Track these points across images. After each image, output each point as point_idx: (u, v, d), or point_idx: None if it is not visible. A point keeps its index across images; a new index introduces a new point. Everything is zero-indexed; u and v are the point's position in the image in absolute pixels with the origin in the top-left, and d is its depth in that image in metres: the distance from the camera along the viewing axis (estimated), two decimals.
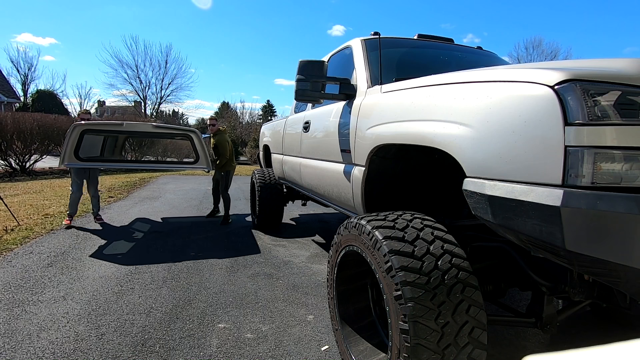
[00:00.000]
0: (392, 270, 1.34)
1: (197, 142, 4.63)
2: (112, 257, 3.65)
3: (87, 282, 3.00)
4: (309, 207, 5.91)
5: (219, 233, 4.70)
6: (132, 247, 4.03)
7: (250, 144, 19.22)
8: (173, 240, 4.31)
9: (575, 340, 2.23)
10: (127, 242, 4.19)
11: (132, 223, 5.10)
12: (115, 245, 4.05)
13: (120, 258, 3.63)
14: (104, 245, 4.05)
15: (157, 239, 4.33)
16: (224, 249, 4.00)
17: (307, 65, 2.36)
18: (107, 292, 2.82)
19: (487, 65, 2.24)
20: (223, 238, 4.49)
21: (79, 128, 4.20)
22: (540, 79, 1.12)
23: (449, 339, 1.26)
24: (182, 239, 4.38)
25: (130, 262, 3.51)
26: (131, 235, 4.50)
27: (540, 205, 1.07)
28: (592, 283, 1.47)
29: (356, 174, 2.18)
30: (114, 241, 4.20)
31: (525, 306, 1.77)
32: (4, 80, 23.04)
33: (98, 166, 5.34)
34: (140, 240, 4.28)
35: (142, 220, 5.34)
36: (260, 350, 2.10)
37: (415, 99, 1.71)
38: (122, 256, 3.70)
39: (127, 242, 4.22)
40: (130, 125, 4.68)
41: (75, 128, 4.19)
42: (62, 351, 2.04)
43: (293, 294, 2.87)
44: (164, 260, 3.58)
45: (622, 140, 1.01)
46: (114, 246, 4.03)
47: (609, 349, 0.57)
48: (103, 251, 3.85)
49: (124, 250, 3.91)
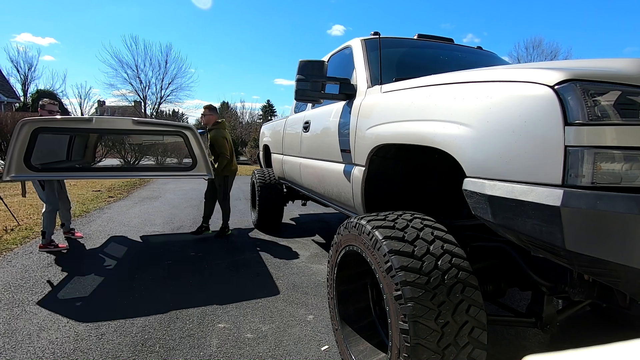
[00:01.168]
0: (392, 270, 1.34)
1: (193, 142, 3.60)
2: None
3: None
4: (309, 207, 5.91)
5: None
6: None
7: (250, 144, 19.22)
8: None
9: (575, 340, 2.23)
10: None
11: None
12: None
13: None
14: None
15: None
16: (224, 250, 4.00)
17: (307, 65, 2.36)
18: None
19: (487, 65, 2.24)
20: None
21: (28, 126, 3.04)
22: (540, 79, 1.12)
23: (449, 338, 1.26)
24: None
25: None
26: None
27: (540, 205, 1.07)
28: (592, 283, 1.47)
29: (356, 174, 2.18)
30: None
31: (525, 306, 1.77)
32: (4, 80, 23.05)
33: (57, 177, 3.86)
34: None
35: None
36: (260, 350, 2.10)
37: (415, 99, 1.71)
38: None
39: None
40: (103, 121, 3.65)
41: (24, 126, 3.03)
42: (62, 351, 2.04)
43: (293, 294, 2.87)
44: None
45: (622, 140, 1.01)
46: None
47: (609, 349, 0.57)
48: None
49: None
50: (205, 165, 3.70)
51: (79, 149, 4.40)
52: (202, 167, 3.69)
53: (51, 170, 3.62)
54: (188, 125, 3.71)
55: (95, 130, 3.76)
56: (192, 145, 3.64)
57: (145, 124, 3.70)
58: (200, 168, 3.69)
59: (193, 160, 3.67)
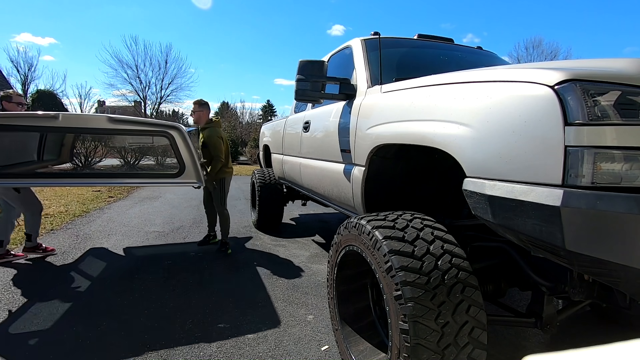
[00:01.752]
0: (392, 270, 1.34)
1: (181, 143, 3.06)
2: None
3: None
4: (309, 207, 5.91)
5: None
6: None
7: (250, 144, 19.23)
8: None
9: (575, 340, 2.23)
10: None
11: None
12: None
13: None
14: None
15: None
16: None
17: (307, 65, 2.36)
18: None
19: (487, 65, 2.24)
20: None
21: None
22: (540, 79, 1.12)
23: (449, 339, 1.26)
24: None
25: None
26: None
27: (540, 205, 1.07)
28: (592, 283, 1.47)
29: (356, 174, 2.18)
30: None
31: (525, 306, 1.77)
32: (4, 80, 23.03)
33: (18, 185, 3.20)
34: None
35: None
36: (260, 350, 2.10)
37: (415, 99, 1.71)
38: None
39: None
40: (71, 118, 3.05)
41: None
42: (62, 351, 2.04)
43: (293, 294, 2.87)
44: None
45: (622, 140, 1.01)
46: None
47: (609, 349, 0.57)
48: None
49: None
50: (194, 171, 3.16)
51: (53, 147, 3.78)
52: (191, 173, 3.14)
53: (11, 176, 3.04)
54: (174, 124, 3.08)
55: (62, 129, 3.10)
56: (180, 147, 3.08)
57: (122, 122, 3.04)
58: (189, 174, 3.14)
59: (180, 165, 3.13)
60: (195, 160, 3.15)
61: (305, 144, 3.23)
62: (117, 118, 3.00)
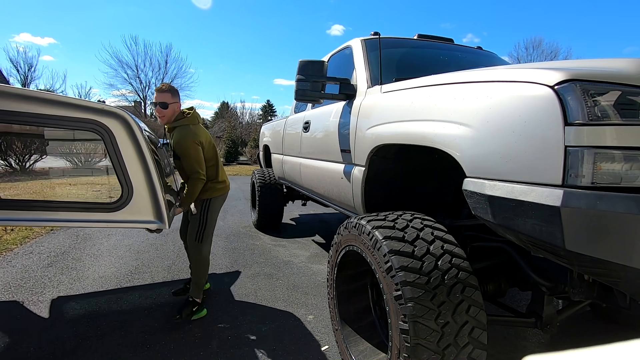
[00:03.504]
0: (392, 270, 1.34)
1: (123, 145, 1.78)
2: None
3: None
4: (309, 207, 5.91)
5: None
6: None
7: (250, 144, 19.23)
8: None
9: (575, 340, 2.23)
10: None
11: None
12: None
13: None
14: None
15: None
16: (223, 250, 4.00)
17: (307, 65, 2.36)
18: None
19: (487, 65, 2.24)
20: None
21: None
22: (540, 79, 1.12)
23: (449, 339, 1.26)
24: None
25: None
26: None
27: (540, 205, 1.07)
28: (592, 283, 1.47)
29: (356, 174, 2.18)
30: None
31: (525, 306, 1.77)
32: (4, 81, 23.03)
33: None
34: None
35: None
36: (260, 350, 2.10)
37: (415, 99, 1.71)
38: None
39: None
40: None
41: None
42: (62, 351, 2.04)
43: (293, 294, 2.87)
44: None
45: (622, 140, 1.00)
46: None
47: (609, 349, 0.56)
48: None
49: None
50: (151, 200, 1.84)
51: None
52: (143, 202, 1.82)
53: None
54: (112, 109, 1.76)
55: None
56: (122, 152, 1.77)
57: (18, 98, 1.62)
58: (138, 206, 1.82)
59: (123, 187, 1.81)
60: (153, 177, 1.82)
61: (305, 144, 3.23)
62: (7, 90, 1.63)
